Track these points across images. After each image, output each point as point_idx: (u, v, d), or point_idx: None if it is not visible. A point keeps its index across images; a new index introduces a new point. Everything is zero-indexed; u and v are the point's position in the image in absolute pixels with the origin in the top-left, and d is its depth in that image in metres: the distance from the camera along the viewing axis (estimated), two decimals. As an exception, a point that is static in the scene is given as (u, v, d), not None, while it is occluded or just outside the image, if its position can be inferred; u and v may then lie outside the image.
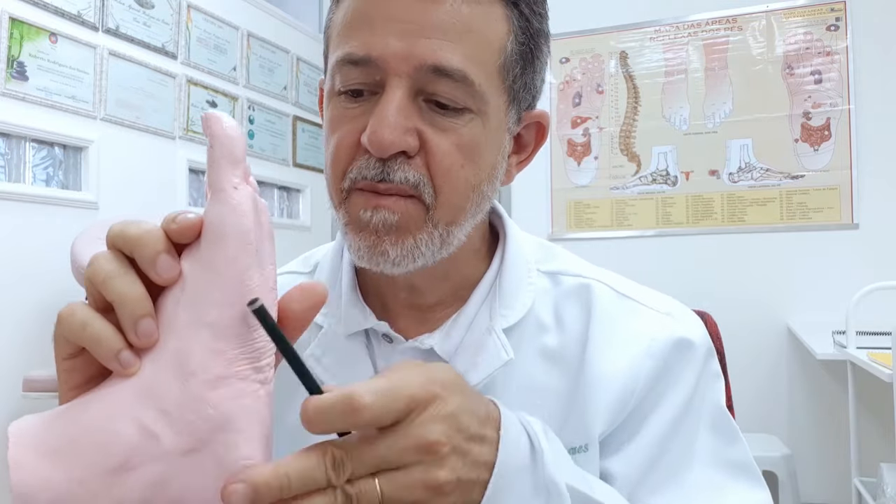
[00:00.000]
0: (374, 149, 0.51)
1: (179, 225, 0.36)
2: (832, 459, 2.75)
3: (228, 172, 0.37)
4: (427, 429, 0.37)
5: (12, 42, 2.09)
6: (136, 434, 0.34)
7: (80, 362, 0.37)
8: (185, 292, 0.36)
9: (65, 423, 0.35)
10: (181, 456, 0.34)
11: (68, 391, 0.37)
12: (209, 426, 0.34)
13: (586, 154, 3.26)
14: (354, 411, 0.35)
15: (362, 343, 0.61)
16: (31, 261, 2.14)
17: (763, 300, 2.90)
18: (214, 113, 0.37)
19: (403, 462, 0.36)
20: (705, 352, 0.61)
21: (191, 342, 0.35)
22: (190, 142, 2.78)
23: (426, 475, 0.37)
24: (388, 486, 0.36)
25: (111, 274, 0.36)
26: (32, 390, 2.01)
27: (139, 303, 0.35)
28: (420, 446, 0.37)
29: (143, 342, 0.35)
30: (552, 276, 0.64)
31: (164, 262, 0.36)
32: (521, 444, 0.43)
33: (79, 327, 0.36)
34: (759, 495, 0.58)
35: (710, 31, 3.08)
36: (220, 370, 0.35)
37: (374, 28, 0.52)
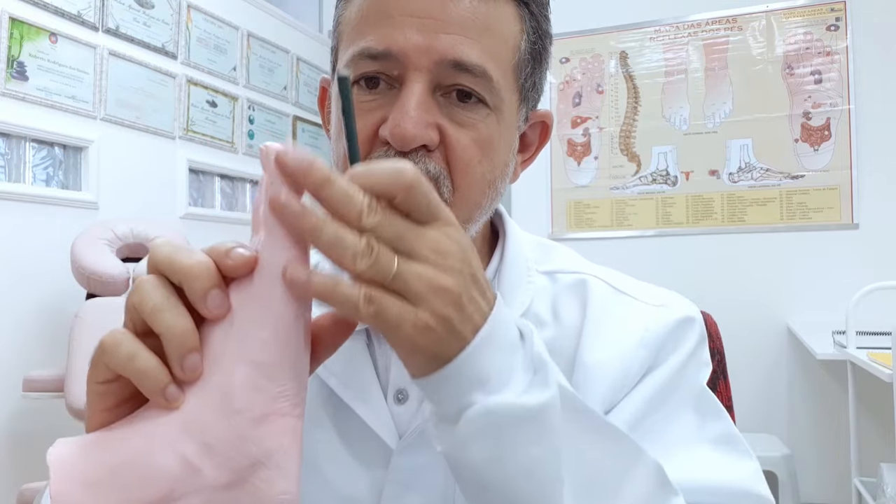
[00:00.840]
0: (396, 142, 0.51)
1: (235, 262, 0.36)
2: (832, 459, 2.75)
3: None
4: (445, 239, 0.38)
5: (12, 42, 2.09)
6: (178, 467, 0.34)
7: (115, 387, 0.37)
8: (233, 327, 0.36)
9: (106, 453, 0.35)
10: (220, 490, 0.35)
11: (99, 413, 0.37)
12: (249, 462, 0.35)
13: (586, 154, 3.26)
14: (400, 173, 0.36)
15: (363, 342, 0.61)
16: (31, 261, 2.14)
17: (763, 300, 2.90)
18: (274, 146, 0.37)
19: (419, 253, 0.37)
20: (698, 335, 0.61)
21: (236, 378, 0.35)
22: (190, 142, 2.78)
23: (435, 274, 0.37)
24: (403, 267, 0.36)
25: (160, 306, 0.35)
26: (32, 390, 2.01)
27: (187, 337, 0.35)
28: (436, 246, 0.38)
29: (189, 377, 0.35)
30: (550, 275, 0.64)
31: (216, 299, 0.35)
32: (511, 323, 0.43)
33: (125, 359, 0.35)
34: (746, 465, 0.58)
35: (710, 31, 3.08)
36: (264, 408, 0.35)
37: (392, 23, 0.52)
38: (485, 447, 0.40)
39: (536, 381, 0.42)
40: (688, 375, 0.59)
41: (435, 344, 0.38)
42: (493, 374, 0.40)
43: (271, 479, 0.35)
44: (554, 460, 0.42)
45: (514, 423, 0.40)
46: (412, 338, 0.37)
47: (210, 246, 0.37)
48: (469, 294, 0.39)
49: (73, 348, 1.94)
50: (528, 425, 0.41)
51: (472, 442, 0.40)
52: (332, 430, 0.58)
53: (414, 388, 0.58)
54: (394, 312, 0.36)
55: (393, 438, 0.56)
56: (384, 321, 0.36)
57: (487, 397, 0.40)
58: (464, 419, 0.40)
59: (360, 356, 0.60)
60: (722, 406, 0.61)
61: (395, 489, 0.56)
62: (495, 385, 0.40)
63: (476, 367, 0.39)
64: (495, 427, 0.40)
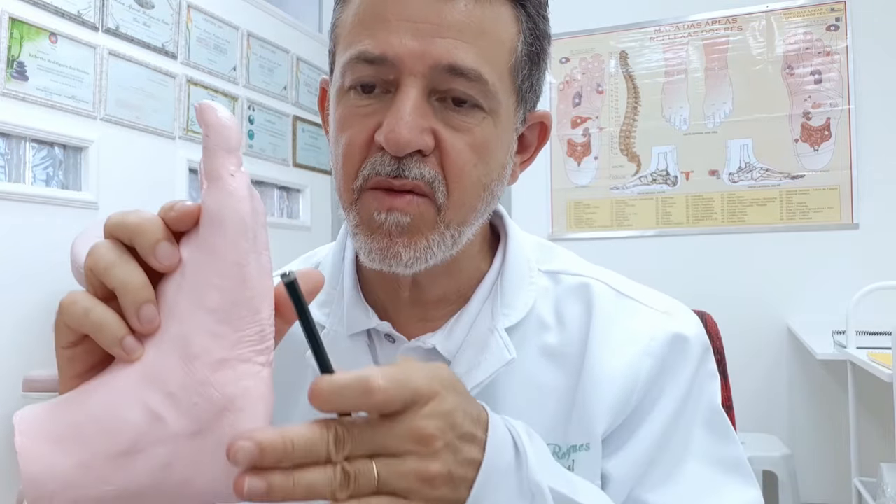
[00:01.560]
0: (391, 147, 0.51)
1: (178, 213, 0.37)
2: (832, 459, 2.75)
3: (224, 160, 0.37)
4: (426, 422, 0.38)
5: (12, 42, 2.09)
6: (143, 417, 0.34)
7: (80, 351, 0.37)
8: (186, 278, 0.36)
9: (70, 410, 0.35)
10: (186, 438, 0.35)
11: (69, 380, 0.38)
12: (213, 408, 0.35)
13: (586, 154, 3.26)
14: (368, 392, 0.36)
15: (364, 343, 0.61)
16: (31, 261, 2.14)
17: (763, 300, 2.90)
18: (208, 103, 0.38)
19: (400, 450, 0.37)
20: (702, 350, 0.62)
21: (193, 326, 0.35)
22: (190, 142, 2.78)
23: (420, 465, 0.38)
24: (385, 471, 0.37)
25: (112, 262, 0.36)
26: (32, 390, 2.01)
27: (141, 289, 0.36)
28: (417, 437, 0.38)
29: (146, 328, 0.36)
30: (552, 276, 0.64)
31: (165, 250, 0.36)
32: (506, 446, 0.44)
33: (81, 314, 0.36)
34: (751, 493, 0.59)
35: (710, 31, 3.08)
36: (223, 353, 0.35)
37: (388, 27, 0.52)
38: None
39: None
40: (695, 394, 0.60)
41: None
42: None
43: (236, 424, 0.35)
44: None
45: None
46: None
47: None
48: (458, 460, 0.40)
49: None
50: None
51: None
52: None
53: None
54: None
55: None
56: None
57: None
58: None
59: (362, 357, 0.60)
60: (732, 428, 0.61)
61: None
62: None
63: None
64: None
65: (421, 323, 0.61)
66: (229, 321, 0.36)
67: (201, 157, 0.38)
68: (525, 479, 0.44)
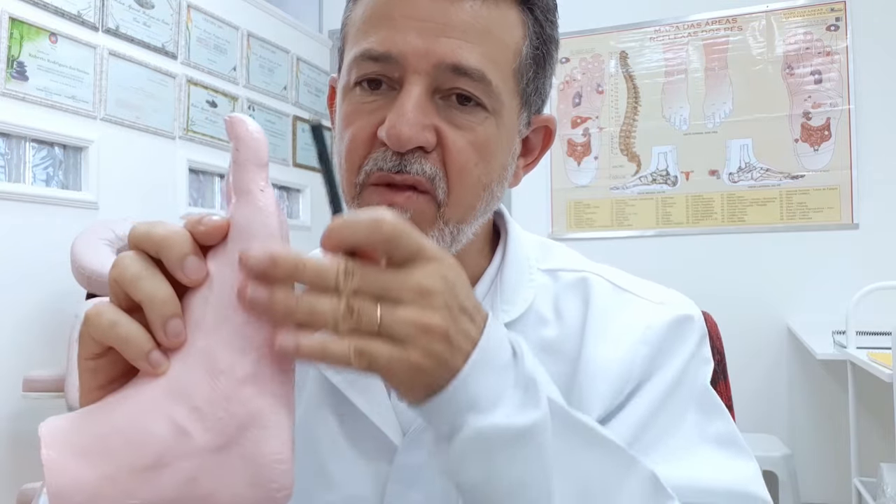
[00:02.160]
0: (392, 142, 0.52)
1: (207, 227, 0.37)
2: (832, 459, 2.75)
3: (255, 175, 0.38)
4: (429, 279, 0.39)
5: (12, 42, 2.09)
6: (168, 431, 0.34)
7: (104, 363, 0.37)
8: (213, 292, 0.36)
9: (96, 422, 0.35)
10: (211, 452, 0.35)
11: (91, 391, 0.38)
12: (238, 423, 0.35)
13: (586, 154, 3.26)
14: (378, 223, 0.37)
15: None
16: (31, 261, 2.14)
17: (763, 300, 2.90)
18: (239, 116, 0.38)
19: (403, 298, 0.38)
20: (698, 334, 0.62)
21: (219, 341, 0.36)
22: (190, 142, 2.78)
23: (420, 314, 0.38)
24: (387, 315, 0.37)
25: (139, 275, 0.36)
26: (32, 390, 2.01)
27: (168, 303, 0.36)
28: (420, 288, 0.38)
29: (172, 342, 0.36)
30: (552, 274, 0.65)
31: (193, 264, 0.36)
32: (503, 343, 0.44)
33: (107, 327, 0.36)
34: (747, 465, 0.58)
35: (710, 31, 3.08)
36: (249, 368, 0.36)
37: (394, 25, 0.53)
38: (477, 467, 0.41)
39: (527, 399, 0.43)
40: (690, 375, 0.60)
41: (427, 378, 0.39)
42: (483, 396, 0.41)
43: (261, 439, 0.36)
44: (543, 478, 0.43)
45: (504, 443, 0.41)
46: (405, 377, 0.39)
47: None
48: (457, 326, 0.40)
49: (73, 348, 1.94)
50: (518, 445, 0.42)
51: (464, 462, 0.41)
52: (337, 428, 0.59)
53: None
54: (384, 358, 0.37)
55: (397, 435, 0.57)
56: (377, 369, 0.38)
57: (477, 418, 0.41)
58: (456, 440, 0.41)
59: None
60: (724, 406, 0.61)
61: (398, 486, 0.56)
62: (485, 406, 0.41)
63: (467, 391, 0.40)
64: (486, 448, 0.41)
65: None
66: (255, 337, 0.36)
67: (230, 170, 0.38)
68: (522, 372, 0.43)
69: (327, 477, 0.58)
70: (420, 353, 0.38)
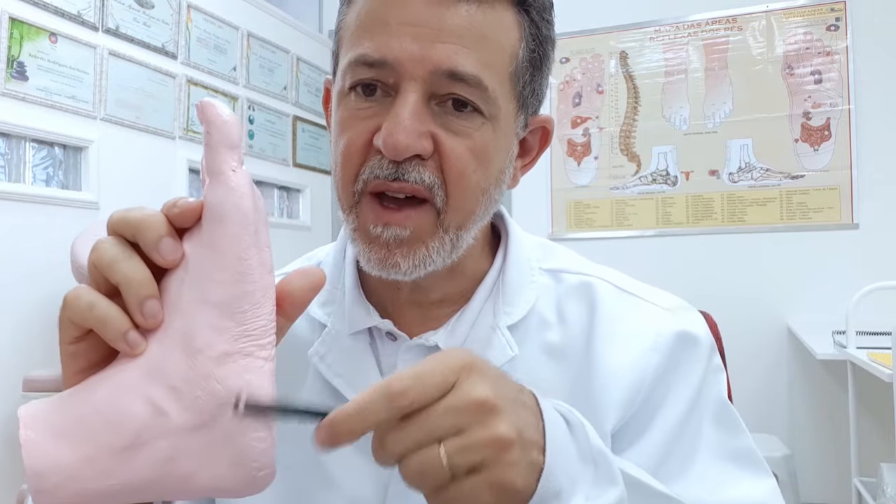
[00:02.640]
0: (389, 151, 0.51)
1: (181, 209, 0.37)
2: (832, 459, 2.75)
3: (226, 156, 0.38)
4: (476, 388, 0.37)
5: (12, 42, 2.09)
6: (146, 411, 0.35)
7: (84, 346, 0.38)
8: (188, 273, 0.37)
9: (74, 404, 0.35)
10: (189, 432, 0.35)
11: (73, 376, 0.38)
12: (216, 402, 0.35)
13: (586, 154, 3.26)
14: (395, 393, 0.36)
15: (366, 341, 0.61)
16: (31, 261, 2.14)
17: (763, 300, 2.90)
18: (209, 100, 0.39)
19: (461, 424, 0.36)
20: (709, 347, 0.62)
21: (196, 321, 0.36)
22: (190, 142, 2.78)
23: (487, 430, 0.37)
24: (452, 448, 0.36)
25: (115, 258, 0.37)
26: (32, 390, 2.01)
27: (144, 284, 0.36)
28: (474, 403, 0.37)
29: (150, 322, 0.36)
30: (554, 274, 0.64)
31: (168, 245, 0.37)
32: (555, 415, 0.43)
33: (86, 309, 0.36)
34: (766, 483, 0.59)
35: (710, 31, 3.08)
36: (226, 347, 0.36)
37: (389, 31, 0.52)
38: None
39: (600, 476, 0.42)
40: (704, 392, 0.60)
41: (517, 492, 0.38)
42: (565, 484, 0.40)
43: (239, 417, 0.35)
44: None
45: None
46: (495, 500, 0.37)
47: None
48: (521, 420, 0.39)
49: (73, 348, 1.95)
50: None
51: None
52: None
53: None
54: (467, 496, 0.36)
55: None
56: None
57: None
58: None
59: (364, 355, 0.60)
60: (742, 422, 0.61)
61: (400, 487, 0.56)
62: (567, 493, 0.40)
63: (553, 485, 0.40)
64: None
65: (422, 321, 0.61)
66: (232, 315, 0.36)
67: (203, 154, 0.39)
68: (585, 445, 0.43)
69: (329, 478, 0.57)
70: (502, 470, 0.37)
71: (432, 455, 0.36)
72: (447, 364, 0.38)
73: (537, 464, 0.39)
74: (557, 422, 0.42)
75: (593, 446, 0.43)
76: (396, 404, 0.36)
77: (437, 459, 0.36)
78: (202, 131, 0.39)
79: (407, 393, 0.36)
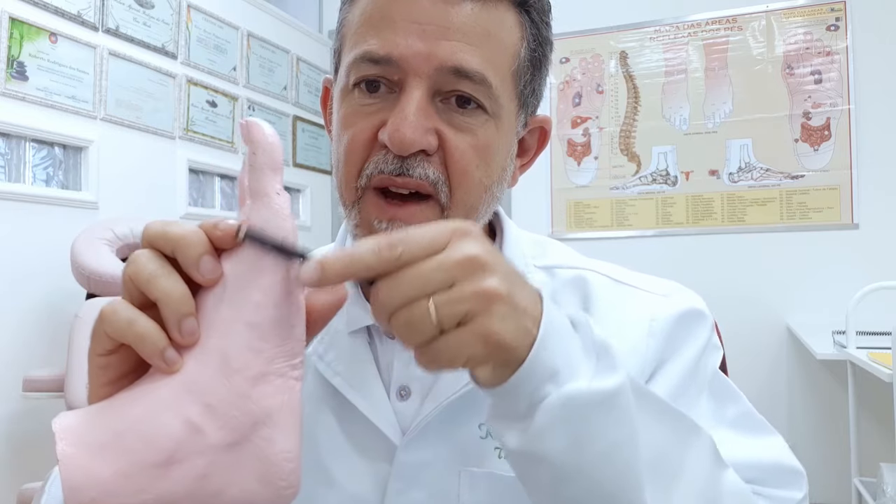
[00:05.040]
0: (395, 147, 0.52)
1: (224, 232, 0.37)
2: (832, 459, 2.75)
3: (272, 179, 0.38)
4: (467, 247, 0.38)
5: (12, 42, 2.09)
6: (182, 428, 0.35)
7: (115, 359, 0.38)
8: (227, 292, 0.37)
9: (110, 419, 0.36)
10: (223, 449, 0.35)
11: (101, 387, 0.38)
12: (250, 421, 0.36)
13: (586, 154, 3.26)
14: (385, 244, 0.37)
15: (364, 339, 0.61)
16: (31, 261, 2.14)
17: (763, 300, 2.90)
18: (255, 120, 0.39)
19: (451, 279, 0.37)
20: (709, 325, 0.62)
21: (234, 340, 0.36)
22: (190, 142, 2.78)
23: (475, 284, 0.37)
24: (440, 301, 0.37)
25: (155, 273, 0.36)
26: (32, 390, 2.01)
27: (184, 302, 0.36)
28: (464, 259, 0.37)
29: (186, 340, 0.36)
30: (548, 271, 0.65)
31: (208, 264, 0.37)
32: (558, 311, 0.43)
33: (124, 324, 0.36)
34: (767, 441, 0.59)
35: (710, 31, 3.08)
36: (262, 367, 0.36)
37: (395, 28, 0.53)
38: (563, 435, 0.40)
39: (602, 366, 0.42)
40: (701, 365, 0.60)
41: (503, 351, 0.39)
42: (562, 364, 0.41)
43: (272, 437, 0.36)
44: (632, 443, 0.42)
45: (592, 407, 0.41)
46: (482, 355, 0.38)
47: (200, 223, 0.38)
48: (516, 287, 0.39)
49: (73, 348, 1.94)
50: (605, 409, 0.41)
51: (550, 431, 0.40)
52: (337, 428, 0.59)
53: (416, 385, 0.59)
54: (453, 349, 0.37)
55: (396, 434, 0.57)
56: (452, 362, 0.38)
57: (561, 387, 0.40)
58: (540, 410, 0.40)
59: (363, 354, 0.60)
60: (735, 387, 0.62)
61: (399, 485, 0.56)
62: (566, 375, 0.40)
63: (546, 359, 0.40)
64: (573, 414, 0.40)
65: None
66: (268, 337, 0.37)
67: (244, 173, 0.38)
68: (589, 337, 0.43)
69: (328, 477, 0.58)
70: (489, 320, 0.37)
71: (420, 308, 0.36)
72: (441, 226, 0.39)
73: (530, 332, 0.39)
74: (559, 315, 0.42)
75: (597, 340, 0.43)
76: (385, 255, 0.36)
77: (425, 312, 0.36)
78: (246, 151, 0.39)
79: (396, 245, 0.37)
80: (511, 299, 0.38)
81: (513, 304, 0.38)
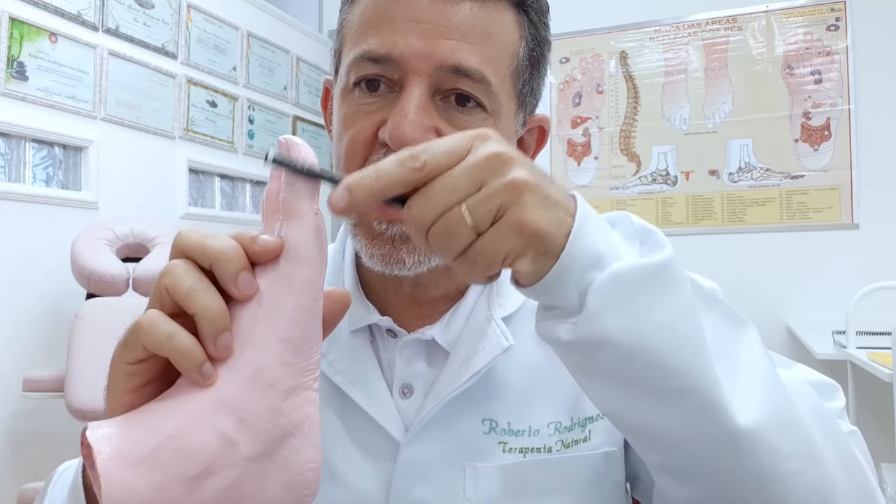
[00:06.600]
0: (395, 145, 0.52)
1: (263, 248, 0.37)
2: (832, 459, 2.75)
3: (310, 198, 0.39)
4: (490, 146, 0.38)
5: (12, 42, 2.09)
6: (216, 441, 0.36)
7: (144, 367, 0.38)
8: (262, 307, 0.37)
9: (146, 432, 0.36)
10: (253, 461, 0.36)
11: (124, 394, 0.38)
12: (280, 433, 0.37)
13: (586, 154, 3.26)
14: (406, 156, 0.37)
15: (366, 338, 0.62)
16: (31, 261, 2.14)
17: (763, 300, 2.90)
18: (294, 139, 0.39)
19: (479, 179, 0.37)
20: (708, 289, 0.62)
21: (267, 355, 0.37)
22: (190, 142, 2.78)
23: (503, 178, 0.37)
24: (472, 203, 0.37)
25: (194, 288, 0.36)
26: (32, 390, 2.01)
27: (222, 317, 0.36)
28: (488, 157, 0.37)
29: (222, 354, 0.37)
30: None
31: (246, 280, 0.37)
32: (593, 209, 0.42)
33: (164, 338, 0.36)
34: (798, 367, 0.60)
35: (710, 31, 3.08)
36: (293, 381, 0.37)
37: (394, 27, 0.53)
38: (618, 313, 0.40)
39: (647, 248, 0.42)
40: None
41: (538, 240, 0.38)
42: (604, 250, 0.40)
43: (298, 448, 0.38)
44: (691, 315, 0.42)
45: (643, 281, 0.40)
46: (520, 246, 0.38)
47: (234, 234, 0.38)
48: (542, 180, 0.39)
49: (73, 348, 1.94)
50: (657, 281, 0.41)
51: (603, 312, 0.40)
52: (340, 427, 0.59)
53: (418, 382, 0.60)
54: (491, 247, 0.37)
55: (399, 432, 0.57)
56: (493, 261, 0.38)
57: (608, 268, 0.40)
58: (591, 293, 0.40)
59: (365, 353, 0.61)
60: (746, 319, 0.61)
61: (403, 482, 0.57)
62: (610, 259, 0.40)
63: (587, 246, 0.40)
64: (625, 289, 0.40)
65: (421, 318, 0.62)
66: (300, 351, 0.38)
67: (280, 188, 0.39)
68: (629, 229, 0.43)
69: (333, 476, 0.58)
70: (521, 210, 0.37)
71: (455, 215, 0.37)
72: (461, 135, 0.39)
73: (565, 221, 0.39)
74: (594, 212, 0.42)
75: (638, 227, 0.43)
76: (409, 164, 0.37)
77: (459, 218, 0.37)
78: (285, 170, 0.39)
79: (419, 156, 0.37)
80: (541, 189, 0.38)
81: (543, 195, 0.38)
